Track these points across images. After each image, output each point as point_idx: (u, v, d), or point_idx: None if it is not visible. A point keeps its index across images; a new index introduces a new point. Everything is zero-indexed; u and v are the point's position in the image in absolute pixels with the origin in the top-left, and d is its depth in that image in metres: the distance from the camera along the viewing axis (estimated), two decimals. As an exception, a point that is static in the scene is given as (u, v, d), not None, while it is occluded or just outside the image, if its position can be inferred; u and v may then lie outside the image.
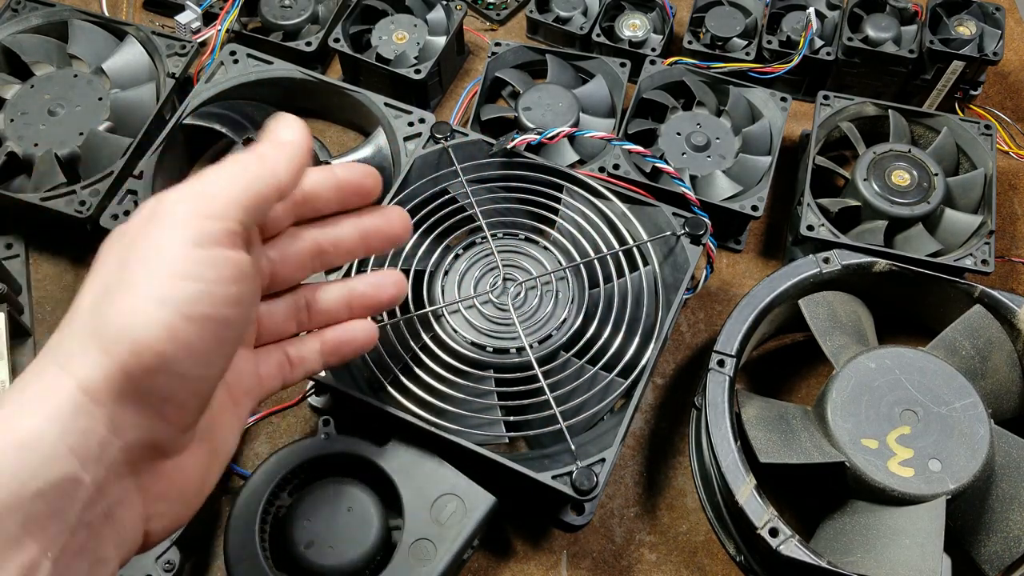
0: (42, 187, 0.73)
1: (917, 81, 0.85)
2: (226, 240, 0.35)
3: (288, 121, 0.40)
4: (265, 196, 0.37)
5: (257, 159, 0.38)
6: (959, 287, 0.66)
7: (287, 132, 0.40)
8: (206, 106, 0.77)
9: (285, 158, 0.38)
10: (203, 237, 0.35)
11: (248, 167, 0.37)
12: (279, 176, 0.38)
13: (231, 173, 0.37)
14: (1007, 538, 0.58)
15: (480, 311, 0.63)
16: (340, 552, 0.54)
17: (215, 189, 0.36)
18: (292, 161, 0.39)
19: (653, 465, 0.69)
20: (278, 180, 0.38)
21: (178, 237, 0.34)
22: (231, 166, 0.37)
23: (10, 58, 0.82)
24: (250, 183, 0.37)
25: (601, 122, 0.81)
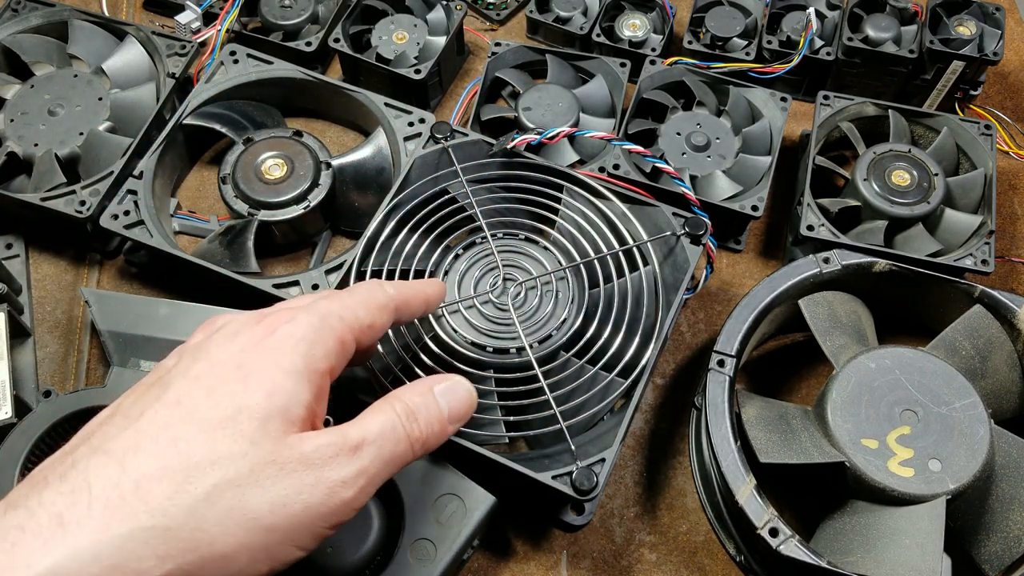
0: (42, 187, 0.73)
1: (917, 81, 0.85)
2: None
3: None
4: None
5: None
6: (959, 287, 0.66)
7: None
8: (206, 106, 0.77)
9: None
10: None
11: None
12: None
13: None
14: (1007, 538, 0.58)
15: (480, 311, 0.63)
16: (340, 552, 0.54)
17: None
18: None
19: (653, 465, 0.69)
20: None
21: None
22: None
23: (10, 58, 0.82)
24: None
25: (601, 122, 0.81)
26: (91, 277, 0.76)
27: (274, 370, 0.39)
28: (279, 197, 0.72)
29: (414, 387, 0.44)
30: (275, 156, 0.74)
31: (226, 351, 0.41)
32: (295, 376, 0.40)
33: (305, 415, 0.40)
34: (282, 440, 0.38)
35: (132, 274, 0.77)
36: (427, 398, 0.44)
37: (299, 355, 0.40)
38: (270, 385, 0.39)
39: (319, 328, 0.42)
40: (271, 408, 0.38)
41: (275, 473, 0.37)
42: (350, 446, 0.40)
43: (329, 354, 0.42)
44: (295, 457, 0.38)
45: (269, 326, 0.42)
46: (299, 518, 0.38)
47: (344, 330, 0.43)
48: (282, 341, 0.41)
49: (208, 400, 0.38)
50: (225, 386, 0.39)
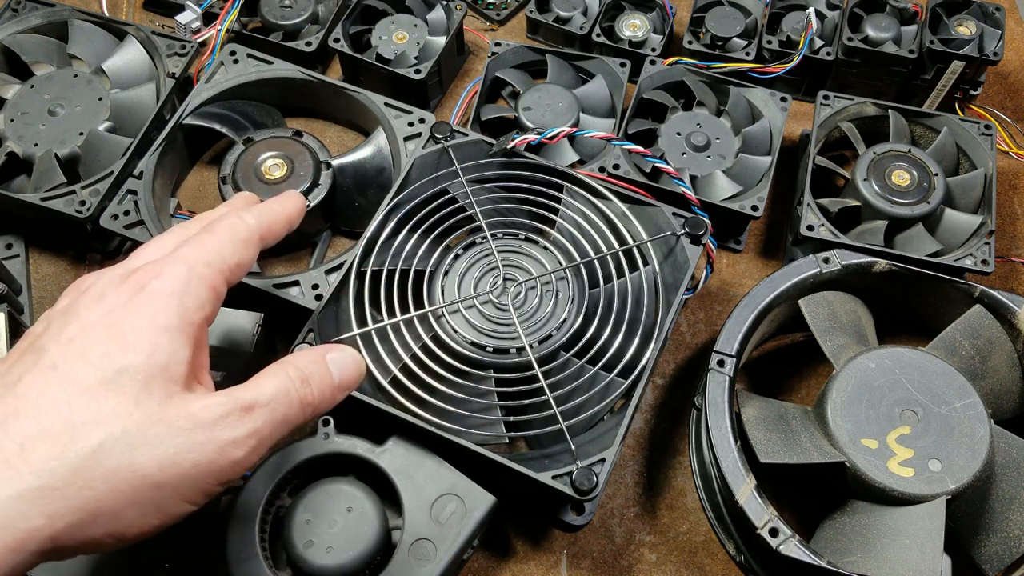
0: (42, 187, 0.73)
1: (917, 81, 0.85)
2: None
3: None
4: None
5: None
6: (959, 287, 0.66)
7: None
8: (206, 106, 0.77)
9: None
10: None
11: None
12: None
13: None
14: (1007, 538, 0.58)
15: (480, 311, 0.63)
16: (340, 552, 0.54)
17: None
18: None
19: (653, 465, 0.69)
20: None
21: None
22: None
23: (10, 58, 0.82)
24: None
25: (601, 122, 0.81)
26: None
27: (149, 329, 0.40)
28: (279, 197, 0.72)
29: (307, 353, 0.45)
30: (275, 156, 0.74)
31: (96, 312, 0.41)
32: (171, 333, 0.40)
33: (187, 371, 0.41)
34: (167, 400, 0.39)
35: (132, 274, 0.76)
36: (320, 365, 0.45)
37: (172, 310, 0.41)
38: (148, 345, 0.39)
39: (188, 279, 0.42)
40: (151, 367, 0.39)
41: (162, 431, 0.38)
42: (241, 406, 0.40)
43: (203, 304, 0.42)
44: (183, 416, 0.39)
45: (137, 283, 0.42)
46: (189, 475, 0.38)
47: (213, 276, 0.43)
48: (153, 298, 0.41)
49: (85, 363, 0.39)
50: (100, 347, 0.39)
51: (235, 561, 0.54)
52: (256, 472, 0.57)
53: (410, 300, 0.62)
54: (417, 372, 0.59)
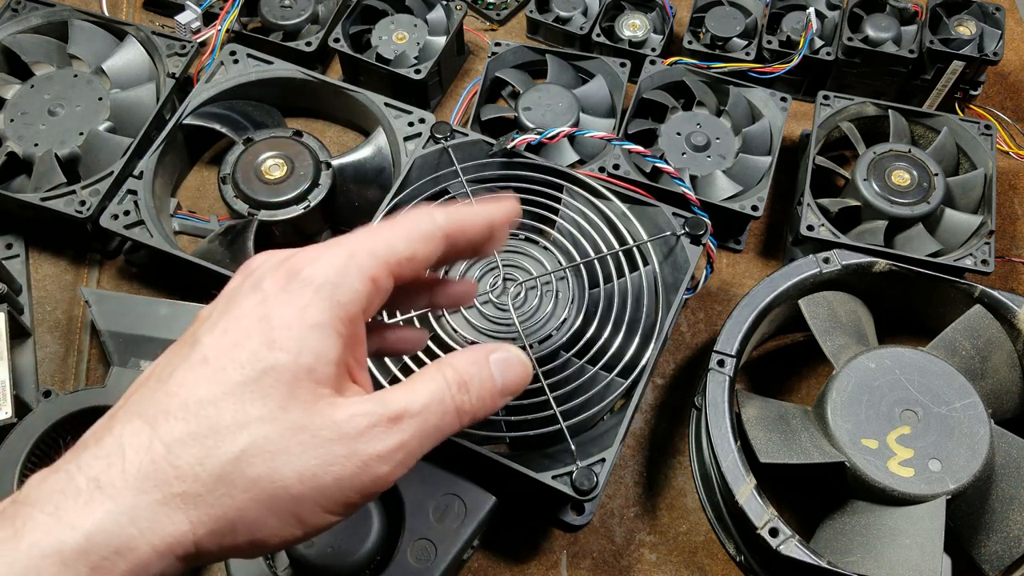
0: (42, 187, 0.73)
1: (917, 81, 0.85)
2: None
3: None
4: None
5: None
6: (959, 287, 0.66)
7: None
8: (206, 106, 0.77)
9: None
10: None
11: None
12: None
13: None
14: (1007, 538, 0.58)
15: (480, 311, 0.63)
16: (340, 552, 0.54)
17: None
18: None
19: (653, 465, 0.69)
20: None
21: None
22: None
23: (10, 58, 0.82)
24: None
25: (601, 122, 0.81)
26: (91, 277, 0.76)
27: (299, 325, 0.37)
28: (279, 197, 0.72)
29: (468, 354, 0.41)
30: (275, 156, 0.74)
31: (251, 300, 0.39)
32: (320, 330, 0.37)
33: (336, 371, 0.38)
34: (312, 405, 0.37)
35: (132, 274, 0.77)
36: (482, 368, 0.41)
37: (324, 303, 0.38)
38: (295, 343, 0.37)
39: (344, 268, 0.39)
40: (298, 369, 0.37)
41: (305, 441, 0.36)
42: (389, 416, 0.37)
43: (358, 297, 0.39)
44: (327, 425, 0.36)
45: (291, 269, 0.39)
46: (330, 489, 0.36)
47: (376, 267, 0.39)
48: (304, 287, 0.38)
49: (233, 359, 0.37)
50: (250, 343, 0.37)
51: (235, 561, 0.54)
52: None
53: (410, 300, 0.62)
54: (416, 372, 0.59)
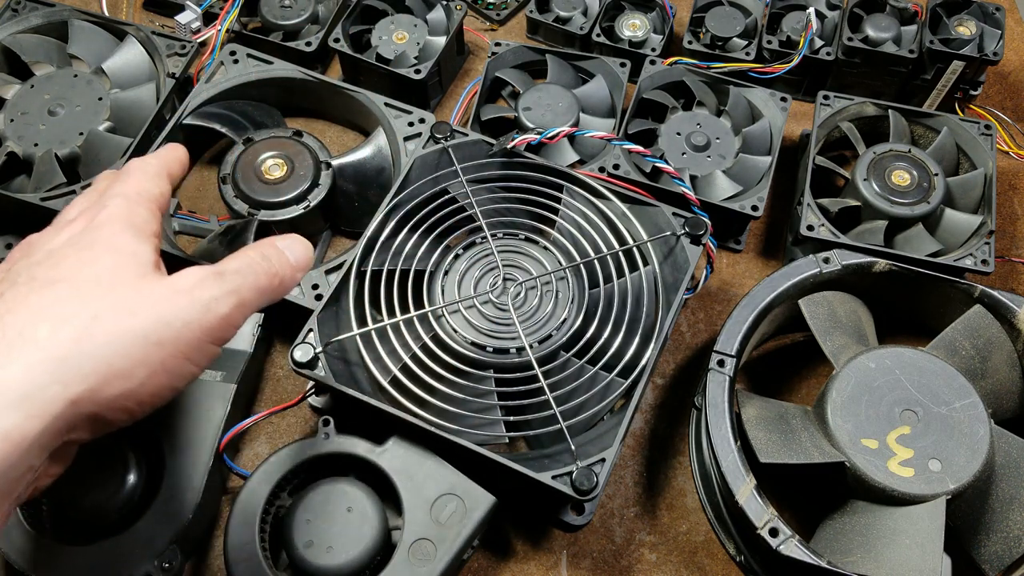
0: (42, 187, 0.73)
1: (917, 81, 0.85)
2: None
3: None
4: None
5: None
6: (959, 287, 0.66)
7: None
8: (206, 106, 0.77)
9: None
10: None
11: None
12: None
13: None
14: (1007, 538, 0.58)
15: (480, 311, 0.63)
16: (340, 552, 0.54)
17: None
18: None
19: (653, 465, 0.69)
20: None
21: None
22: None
23: (10, 58, 0.82)
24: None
25: (601, 122, 0.81)
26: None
27: (110, 236, 0.45)
28: (279, 197, 0.72)
29: (260, 242, 0.50)
30: (275, 156, 0.74)
31: (57, 241, 0.45)
32: (129, 235, 0.45)
33: (153, 261, 0.45)
34: (144, 278, 0.44)
35: (132, 274, 0.76)
36: (271, 247, 0.50)
37: (124, 223, 0.46)
38: (111, 245, 0.44)
39: (128, 205, 0.47)
40: (120, 260, 0.44)
41: (148, 299, 0.42)
42: (213, 272, 0.45)
43: (149, 219, 0.47)
44: (162, 286, 0.43)
45: (86, 219, 0.47)
46: (183, 332, 0.43)
47: (148, 201, 0.48)
48: (105, 220, 0.46)
49: (59, 270, 0.43)
50: (69, 257, 0.43)
51: (235, 561, 0.54)
52: (256, 472, 0.57)
53: (410, 300, 0.62)
54: (417, 372, 0.59)
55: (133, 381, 0.41)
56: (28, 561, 0.55)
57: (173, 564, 0.56)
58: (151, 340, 0.41)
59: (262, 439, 0.69)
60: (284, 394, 0.70)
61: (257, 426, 0.69)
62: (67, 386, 0.39)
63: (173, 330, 0.42)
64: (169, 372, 0.43)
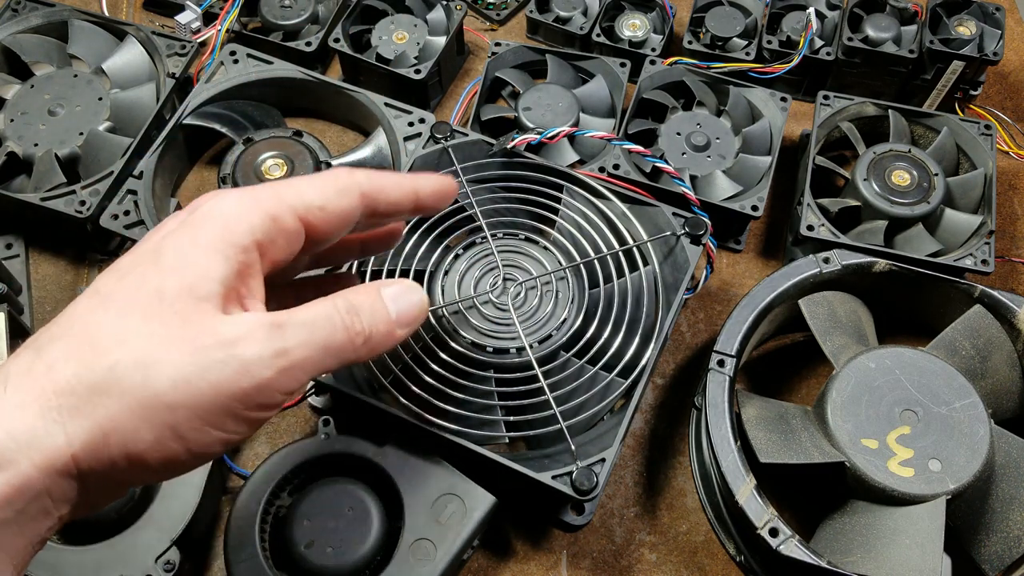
0: (42, 187, 0.73)
1: (917, 81, 0.85)
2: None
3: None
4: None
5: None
6: (959, 287, 0.66)
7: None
8: (206, 106, 0.77)
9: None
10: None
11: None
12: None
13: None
14: (1007, 538, 0.58)
15: (480, 311, 0.63)
16: (340, 552, 0.54)
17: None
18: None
19: (653, 465, 0.69)
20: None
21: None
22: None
23: (10, 58, 0.82)
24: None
25: (601, 122, 0.81)
26: (91, 277, 0.76)
27: (188, 247, 0.38)
28: (279, 197, 0.72)
29: (360, 287, 0.42)
30: (275, 156, 0.74)
31: (151, 240, 0.39)
32: (207, 250, 0.38)
33: (222, 291, 0.37)
34: (193, 318, 0.36)
35: (132, 274, 0.76)
36: (372, 297, 0.41)
37: (215, 228, 0.38)
38: (180, 262, 0.37)
39: (244, 202, 0.39)
40: (180, 285, 0.37)
41: (181, 349, 0.36)
42: (271, 322, 0.37)
43: (254, 228, 0.39)
44: (205, 333, 0.36)
45: (193, 207, 0.40)
46: (206, 396, 0.36)
47: (279, 207, 0.40)
48: (201, 218, 0.39)
49: (123, 286, 0.37)
50: (137, 270, 0.38)
51: (235, 561, 0.54)
52: (256, 472, 0.57)
53: (410, 300, 0.62)
54: (417, 372, 0.59)
55: (137, 444, 0.35)
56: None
57: (173, 564, 0.56)
58: (164, 401, 0.35)
59: (262, 439, 0.69)
60: (284, 394, 0.70)
61: (257, 426, 0.69)
62: (71, 439, 0.34)
63: (194, 391, 0.35)
64: (181, 438, 0.36)
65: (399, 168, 0.72)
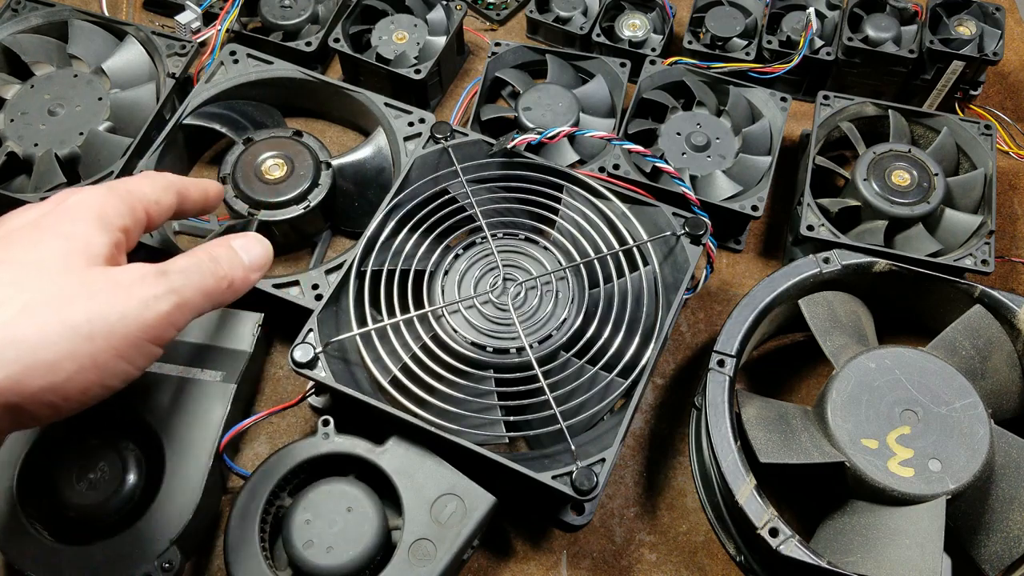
0: (42, 187, 0.73)
1: (917, 81, 0.85)
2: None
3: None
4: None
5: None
6: (959, 287, 0.66)
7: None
8: (206, 106, 0.77)
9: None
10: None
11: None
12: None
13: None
14: (1007, 538, 0.58)
15: (480, 311, 0.63)
16: (340, 552, 0.54)
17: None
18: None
19: (653, 465, 0.69)
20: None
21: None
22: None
23: (10, 58, 0.82)
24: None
25: (601, 122, 0.81)
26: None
27: (70, 222, 0.44)
28: (279, 197, 0.72)
29: (215, 242, 0.50)
30: (275, 156, 0.74)
31: (19, 220, 0.45)
32: (89, 223, 0.44)
33: (107, 254, 0.44)
34: (89, 268, 0.42)
35: (132, 274, 0.77)
36: (227, 248, 0.49)
37: (91, 211, 0.45)
38: (67, 231, 0.43)
39: (107, 193, 0.46)
40: (71, 247, 0.42)
41: (86, 292, 0.41)
42: (156, 270, 0.44)
43: (121, 213, 0.46)
44: (103, 279, 0.42)
45: (58, 199, 0.46)
46: (118, 328, 0.41)
47: (132, 199, 0.48)
48: (74, 204, 0.45)
49: (7, 251, 0.42)
50: (22, 240, 0.43)
51: (235, 561, 0.54)
52: (256, 472, 0.57)
53: (410, 300, 0.62)
54: (417, 372, 0.59)
55: (59, 375, 0.39)
56: (28, 561, 0.55)
57: (173, 564, 0.56)
58: (81, 333, 0.40)
59: (262, 439, 0.69)
60: (284, 394, 0.70)
61: (257, 426, 0.69)
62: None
63: (107, 324, 0.41)
64: (100, 369, 0.41)
65: (399, 170, 0.72)
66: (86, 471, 0.58)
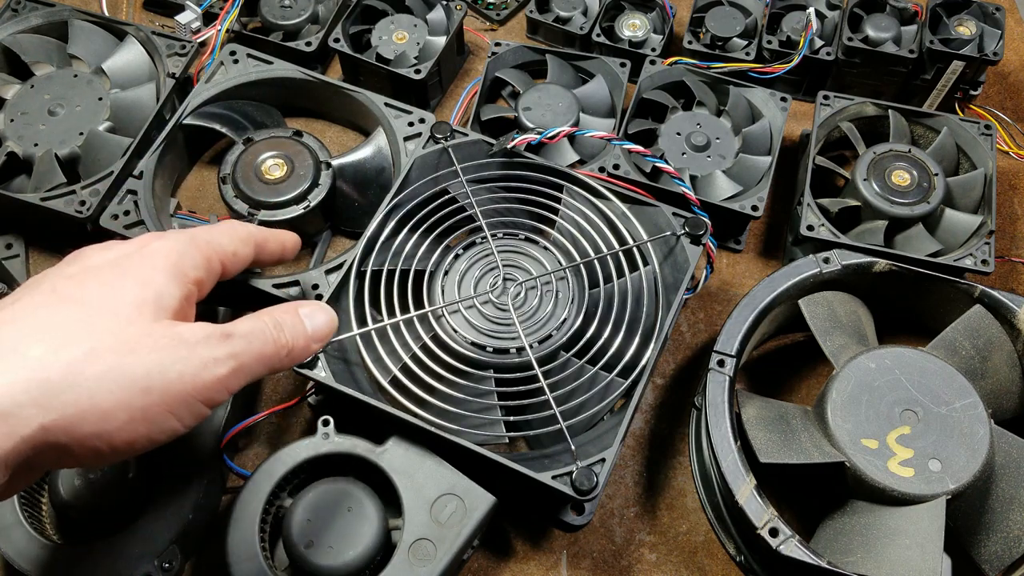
0: (42, 187, 0.73)
1: (917, 81, 0.85)
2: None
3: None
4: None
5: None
6: (959, 287, 0.66)
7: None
8: (206, 106, 0.77)
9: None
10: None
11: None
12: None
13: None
14: (1007, 538, 0.58)
15: (480, 311, 0.63)
16: (340, 552, 0.54)
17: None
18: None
19: (653, 465, 0.69)
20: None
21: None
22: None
23: (10, 58, 0.82)
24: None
25: (601, 122, 0.81)
26: (91, 277, 0.76)
27: (149, 270, 0.45)
28: (279, 197, 0.72)
29: (280, 307, 0.50)
30: (275, 156, 0.74)
31: (101, 257, 0.45)
32: (166, 274, 0.45)
33: (177, 307, 0.45)
34: (156, 322, 0.43)
35: (132, 274, 0.76)
36: (292, 315, 0.50)
37: (170, 260, 0.46)
38: (144, 278, 0.44)
39: (188, 244, 0.48)
40: (144, 296, 0.43)
41: (151, 344, 0.41)
42: (221, 332, 0.45)
43: (197, 266, 0.48)
44: (169, 335, 0.42)
45: (141, 243, 0.47)
46: (175, 385, 0.42)
47: (210, 250, 0.49)
48: (155, 251, 0.46)
49: (83, 290, 0.42)
50: (100, 278, 0.43)
51: (235, 561, 0.54)
52: (256, 472, 0.57)
53: (410, 300, 0.62)
54: (417, 372, 0.59)
55: (111, 423, 0.40)
56: (28, 561, 0.56)
57: (173, 564, 0.56)
58: (140, 385, 0.40)
59: (262, 439, 0.69)
60: (284, 394, 0.70)
61: (257, 426, 0.69)
62: (44, 410, 0.38)
63: (165, 380, 0.41)
64: (150, 422, 0.41)
65: (399, 170, 0.72)
66: (86, 471, 0.58)
